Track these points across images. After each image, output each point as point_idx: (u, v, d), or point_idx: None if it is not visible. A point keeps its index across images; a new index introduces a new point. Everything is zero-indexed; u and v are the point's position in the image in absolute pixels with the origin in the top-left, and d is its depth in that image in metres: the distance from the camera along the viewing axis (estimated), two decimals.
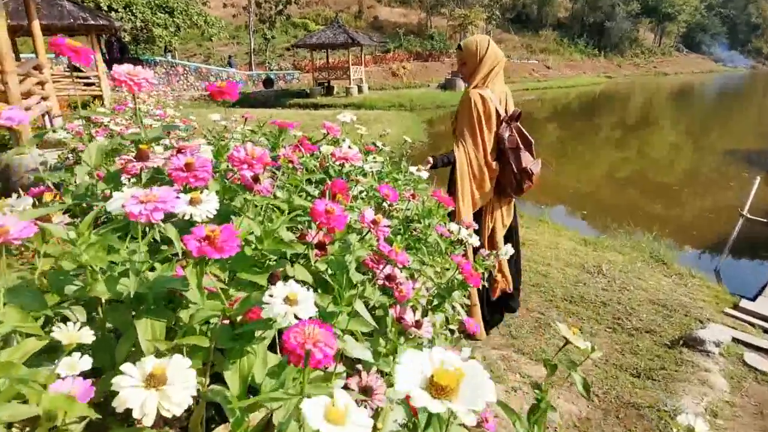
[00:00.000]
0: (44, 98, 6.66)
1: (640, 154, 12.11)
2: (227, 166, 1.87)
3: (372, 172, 1.90)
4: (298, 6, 31.61)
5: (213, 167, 1.35)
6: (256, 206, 1.06)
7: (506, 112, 2.46)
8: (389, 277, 1.21)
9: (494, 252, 1.68)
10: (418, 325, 1.13)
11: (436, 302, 1.40)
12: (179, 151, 1.14)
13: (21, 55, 17.06)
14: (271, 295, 0.69)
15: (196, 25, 24.27)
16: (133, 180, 1.11)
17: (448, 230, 1.58)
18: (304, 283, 1.03)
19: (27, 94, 5.94)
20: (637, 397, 2.21)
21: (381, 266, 1.17)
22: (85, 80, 13.75)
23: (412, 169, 2.00)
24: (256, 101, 20.84)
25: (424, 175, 1.94)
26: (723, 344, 2.68)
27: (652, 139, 14.26)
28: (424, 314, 1.40)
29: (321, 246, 1.12)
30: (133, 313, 0.79)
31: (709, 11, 58.96)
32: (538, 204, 7.40)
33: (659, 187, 8.69)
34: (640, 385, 2.30)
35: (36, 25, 6.64)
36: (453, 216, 2.63)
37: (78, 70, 12.14)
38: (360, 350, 0.92)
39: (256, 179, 1.01)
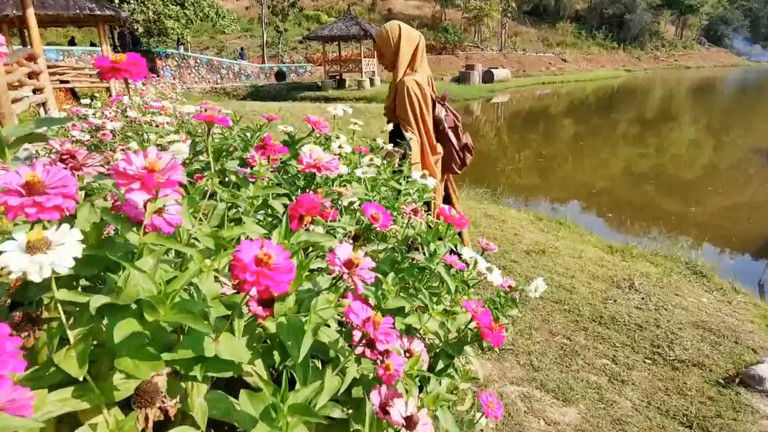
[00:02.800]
0: (39, 89, 6.38)
1: (667, 152, 11.51)
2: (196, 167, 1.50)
3: (364, 178, 1.52)
4: None
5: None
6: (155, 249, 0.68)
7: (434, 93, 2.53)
8: (371, 343, 0.84)
9: (519, 287, 1.29)
10: (410, 424, 0.75)
11: (441, 365, 1.02)
12: (62, 158, 0.78)
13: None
14: None
15: (208, 17, 24.05)
16: None
17: (461, 260, 1.19)
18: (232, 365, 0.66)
19: (18, 85, 5.66)
20: None
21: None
22: (93, 72, 13.60)
23: (416, 174, 1.61)
24: (267, 94, 20.54)
25: (431, 182, 1.56)
26: None
27: (677, 136, 13.62)
28: (425, 382, 1.02)
29: (266, 302, 0.75)
30: None
31: (731, 4, 57.12)
32: (557, 203, 6.96)
33: (689, 187, 8.16)
34: None
35: (30, 14, 6.34)
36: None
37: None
38: None
39: (156, 208, 0.63)
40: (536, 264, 3.67)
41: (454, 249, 1.32)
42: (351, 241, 1.25)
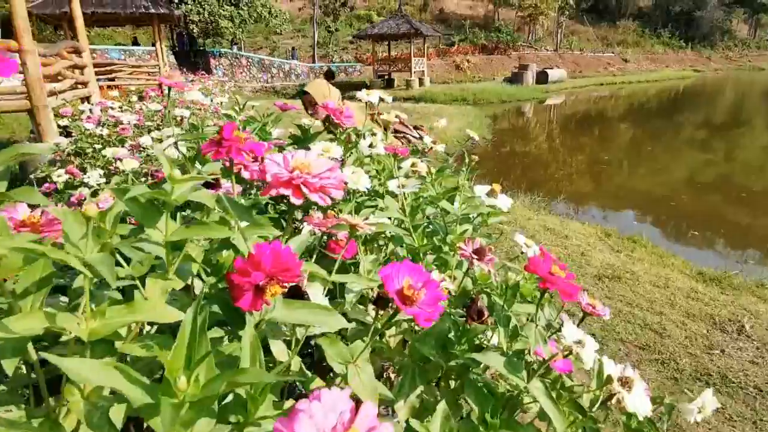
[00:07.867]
0: (83, 83, 6.28)
1: (758, 163, 10.17)
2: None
3: (403, 194, 1.02)
4: None
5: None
6: None
7: None
8: None
9: (661, 399, 0.76)
10: None
11: None
12: None
13: (96, 47, 17.63)
14: None
15: (261, 17, 24.35)
16: None
17: (564, 350, 0.67)
18: None
19: (60, 78, 5.54)
20: None
21: None
22: (150, 70, 13.84)
23: (480, 189, 1.09)
24: None
25: (505, 203, 1.03)
26: None
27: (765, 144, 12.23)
28: None
29: None
30: None
31: None
32: (625, 216, 6.17)
33: None
34: None
35: (76, 6, 6.26)
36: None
37: None
38: None
39: None
40: (611, 294, 3.05)
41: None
42: (373, 306, 0.76)
